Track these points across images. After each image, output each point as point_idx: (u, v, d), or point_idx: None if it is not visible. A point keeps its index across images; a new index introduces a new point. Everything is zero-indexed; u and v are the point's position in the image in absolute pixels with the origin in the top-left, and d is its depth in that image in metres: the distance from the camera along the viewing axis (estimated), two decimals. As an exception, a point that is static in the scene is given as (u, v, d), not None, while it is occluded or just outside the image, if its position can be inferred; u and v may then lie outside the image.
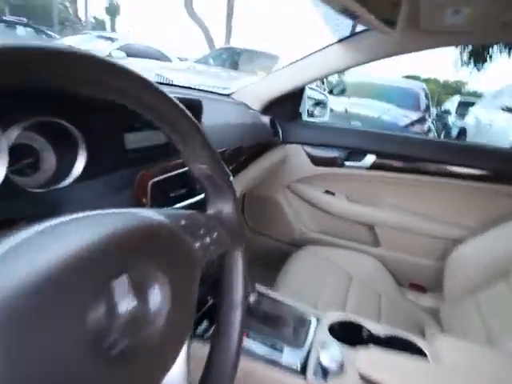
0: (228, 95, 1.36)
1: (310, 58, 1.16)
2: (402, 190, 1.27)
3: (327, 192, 1.36)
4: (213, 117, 0.80)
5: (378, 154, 1.25)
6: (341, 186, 1.35)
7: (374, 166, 1.26)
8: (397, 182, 1.26)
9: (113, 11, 21.39)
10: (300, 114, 1.44)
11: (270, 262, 1.32)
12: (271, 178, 1.40)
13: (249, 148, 1.06)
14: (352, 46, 1.05)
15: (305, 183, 1.38)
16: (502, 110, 4.55)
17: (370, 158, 1.26)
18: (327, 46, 1.11)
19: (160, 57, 5.88)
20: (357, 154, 1.28)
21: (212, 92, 1.32)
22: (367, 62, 1.08)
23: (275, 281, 1.07)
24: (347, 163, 1.29)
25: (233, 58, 5.40)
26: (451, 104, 8.89)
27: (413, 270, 1.29)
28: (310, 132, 1.36)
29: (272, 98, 1.30)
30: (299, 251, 1.24)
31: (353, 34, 1.05)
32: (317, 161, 1.33)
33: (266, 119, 1.23)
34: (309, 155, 1.33)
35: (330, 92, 5.38)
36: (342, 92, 5.46)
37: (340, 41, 1.07)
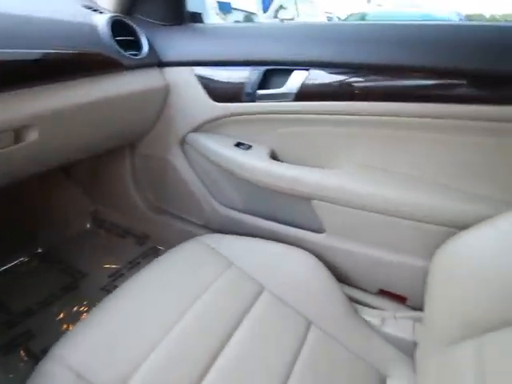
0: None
1: None
2: (370, 134, 0.69)
3: (240, 145, 0.81)
4: None
5: (312, 67, 0.67)
6: (261, 134, 0.80)
7: (303, 93, 0.69)
8: (355, 122, 0.69)
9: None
10: (196, 15, 0.86)
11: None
12: (158, 128, 0.88)
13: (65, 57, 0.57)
14: None
15: (207, 133, 0.84)
16: None
17: (296, 78, 0.69)
18: None
19: None
20: (281, 72, 0.71)
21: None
22: None
23: None
24: (261, 92, 0.73)
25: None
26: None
27: (385, 272, 0.75)
28: (204, 42, 0.79)
29: None
30: (186, 243, 0.75)
31: None
32: (218, 93, 0.78)
33: (101, 19, 0.68)
34: (205, 85, 0.78)
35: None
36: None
37: None
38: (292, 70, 0.69)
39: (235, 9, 2.94)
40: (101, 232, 1.14)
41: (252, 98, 0.73)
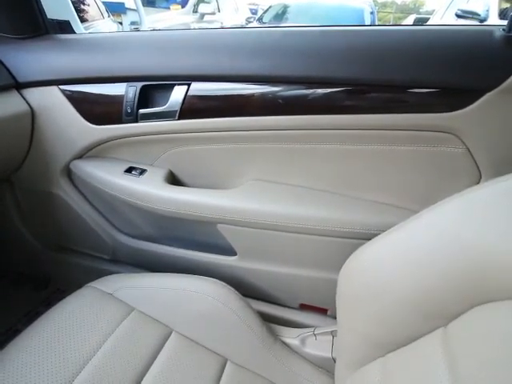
0: None
1: None
2: (264, 149, 0.65)
3: (132, 170, 0.72)
4: None
5: (194, 81, 0.61)
6: (154, 156, 0.72)
7: (187, 111, 0.62)
8: (247, 137, 0.64)
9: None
10: (62, 24, 0.73)
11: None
12: (32, 158, 0.75)
13: None
14: None
15: (94, 158, 0.73)
16: (457, 16, 3.97)
17: (178, 94, 0.62)
18: None
19: None
20: (161, 88, 0.63)
21: None
22: None
23: None
24: (143, 111, 0.65)
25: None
26: (407, 23, 8.25)
27: (304, 287, 0.73)
28: (71, 56, 0.68)
29: None
30: (80, 291, 0.64)
31: None
32: (95, 115, 0.67)
33: None
34: (77, 107, 0.67)
35: (259, 20, 4.48)
36: (280, 17, 4.54)
37: None
38: (173, 85, 0.61)
39: (129, 9, 2.71)
40: None
41: (133, 118, 0.64)
